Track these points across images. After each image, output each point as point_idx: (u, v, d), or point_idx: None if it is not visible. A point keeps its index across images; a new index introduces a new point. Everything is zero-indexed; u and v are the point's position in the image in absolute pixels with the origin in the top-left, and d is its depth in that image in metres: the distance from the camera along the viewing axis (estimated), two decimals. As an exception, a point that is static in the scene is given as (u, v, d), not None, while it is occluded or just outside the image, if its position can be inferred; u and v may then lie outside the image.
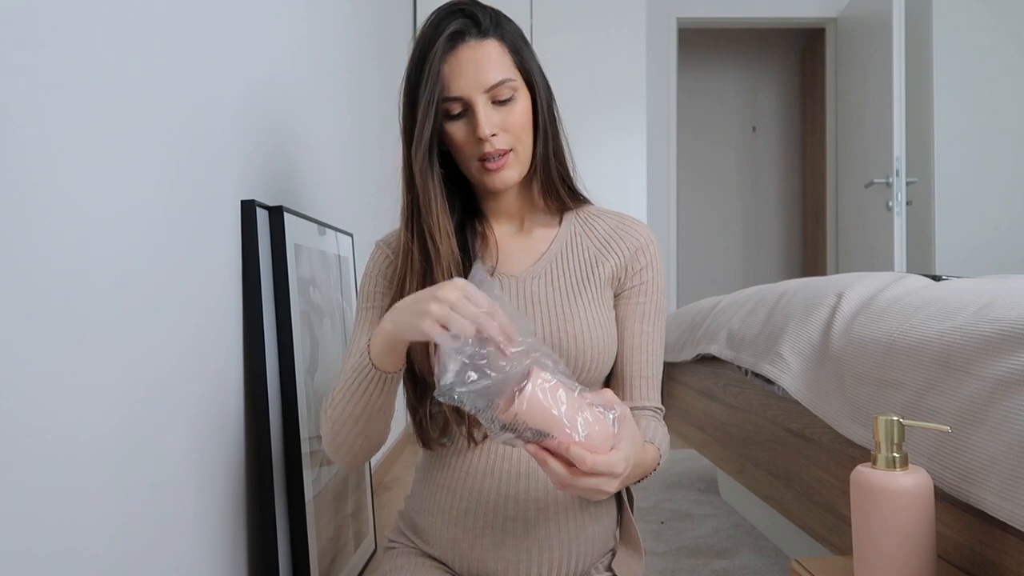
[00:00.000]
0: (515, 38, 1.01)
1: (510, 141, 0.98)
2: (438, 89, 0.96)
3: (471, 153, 0.99)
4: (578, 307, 1.01)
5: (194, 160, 1.07)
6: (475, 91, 0.96)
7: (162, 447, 0.96)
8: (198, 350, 1.06)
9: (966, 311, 1.03)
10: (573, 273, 1.04)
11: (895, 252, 3.60)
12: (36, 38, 0.72)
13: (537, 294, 1.02)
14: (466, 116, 0.98)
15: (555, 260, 1.05)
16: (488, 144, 0.97)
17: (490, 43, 0.98)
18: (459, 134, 0.98)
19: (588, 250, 1.06)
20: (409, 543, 1.06)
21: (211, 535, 1.08)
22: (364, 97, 2.40)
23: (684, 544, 1.96)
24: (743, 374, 1.73)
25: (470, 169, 1.01)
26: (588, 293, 1.02)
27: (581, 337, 0.99)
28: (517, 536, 0.96)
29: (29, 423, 0.70)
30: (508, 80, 0.97)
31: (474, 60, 0.96)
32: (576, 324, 0.99)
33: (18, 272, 0.69)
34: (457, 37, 0.96)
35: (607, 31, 3.63)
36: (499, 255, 1.05)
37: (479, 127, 0.96)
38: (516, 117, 0.98)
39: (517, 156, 1.00)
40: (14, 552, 0.68)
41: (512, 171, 1.00)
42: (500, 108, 0.98)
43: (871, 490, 0.89)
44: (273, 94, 1.44)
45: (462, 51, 0.96)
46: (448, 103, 0.97)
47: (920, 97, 4.12)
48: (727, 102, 5.80)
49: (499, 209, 1.08)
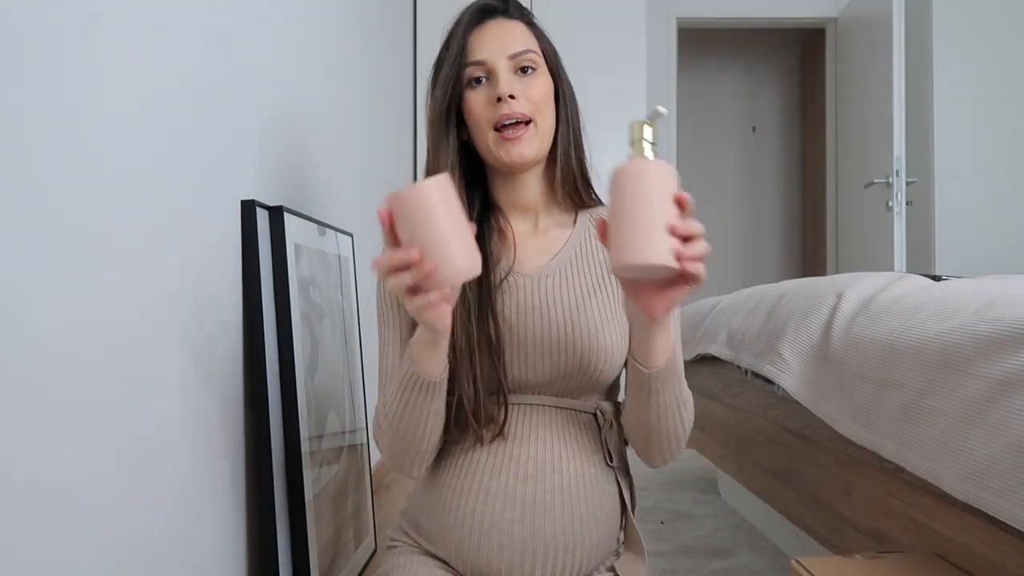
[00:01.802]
0: (540, 30, 1.06)
1: (530, 109, 0.98)
2: (462, 54, 0.98)
3: (489, 119, 0.98)
4: (592, 308, 1.00)
5: (194, 160, 1.07)
6: (498, 56, 0.98)
7: (162, 447, 0.96)
8: (197, 350, 1.06)
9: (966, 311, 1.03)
10: (588, 274, 1.03)
11: (895, 252, 3.59)
12: (39, 39, 0.72)
13: (551, 293, 1.01)
14: (487, 83, 0.99)
15: (570, 259, 1.04)
16: (506, 105, 0.97)
17: (517, 23, 1.02)
18: (478, 100, 0.99)
19: (603, 251, 1.05)
20: (411, 542, 1.06)
21: (211, 535, 1.08)
22: (365, 97, 2.40)
23: (684, 544, 1.96)
24: (743, 374, 1.73)
25: (487, 141, 1.00)
26: (603, 294, 1.02)
27: (594, 339, 0.98)
28: (523, 538, 0.95)
29: (28, 423, 0.70)
30: (532, 51, 1.00)
31: (500, 31, 1.00)
32: (590, 325, 0.98)
33: (18, 271, 0.69)
34: (485, 13, 1.01)
35: (607, 31, 3.62)
36: (516, 253, 1.03)
37: (499, 86, 0.97)
38: (537, 89, 0.99)
39: (536, 129, 1.00)
40: (14, 552, 0.68)
41: (530, 145, 0.99)
42: (522, 77, 0.99)
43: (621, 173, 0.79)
44: (273, 94, 1.44)
45: (489, 24, 1.01)
46: (471, 67, 0.99)
47: (920, 97, 4.12)
48: (727, 102, 5.79)
49: (515, 202, 1.06)
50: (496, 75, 0.98)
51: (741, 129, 5.81)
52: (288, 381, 1.26)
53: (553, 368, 0.98)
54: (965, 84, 4.06)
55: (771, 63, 5.78)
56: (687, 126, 5.49)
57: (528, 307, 1.00)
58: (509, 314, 0.99)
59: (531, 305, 1.00)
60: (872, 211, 3.90)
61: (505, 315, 0.99)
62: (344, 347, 1.63)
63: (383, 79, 2.75)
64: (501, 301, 1.00)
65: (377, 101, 2.63)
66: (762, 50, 5.75)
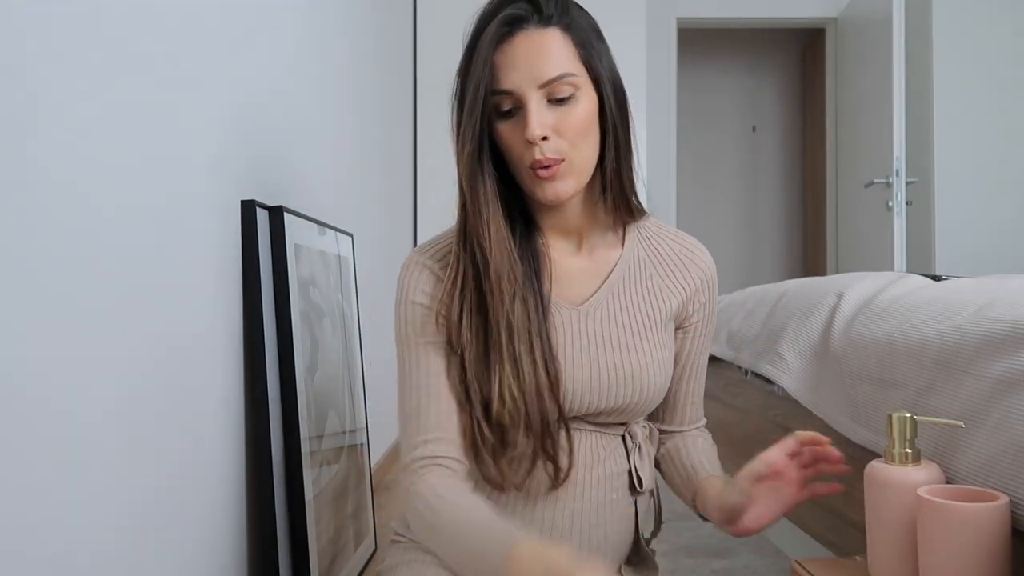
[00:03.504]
0: (584, 30, 0.88)
1: (562, 149, 0.85)
2: (486, 79, 0.83)
3: (521, 157, 0.86)
4: (642, 348, 0.93)
5: (194, 160, 1.07)
6: (528, 86, 0.83)
7: (162, 447, 0.95)
8: (198, 350, 1.06)
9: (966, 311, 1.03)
10: (638, 307, 0.94)
11: (895, 252, 3.59)
12: (39, 40, 0.72)
13: (599, 332, 0.92)
14: (517, 114, 0.85)
15: (618, 287, 0.94)
16: (537, 150, 0.84)
17: (552, 32, 0.85)
18: (509, 135, 0.86)
19: (652, 278, 0.96)
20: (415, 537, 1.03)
21: (211, 535, 1.08)
22: (365, 97, 2.40)
23: (684, 544, 1.96)
24: (743, 374, 1.73)
25: (522, 176, 0.88)
26: (652, 332, 0.94)
27: (641, 380, 0.92)
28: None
29: (28, 423, 0.70)
30: (568, 75, 0.84)
31: (529, 50, 0.84)
32: (638, 366, 0.92)
33: (19, 270, 0.69)
34: (514, 22, 0.84)
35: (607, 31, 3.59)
36: (554, 279, 0.92)
37: (528, 128, 0.83)
38: (575, 120, 0.85)
39: (571, 166, 0.86)
40: (13, 553, 0.68)
41: (566, 183, 0.86)
42: (557, 108, 0.84)
43: (884, 485, 0.89)
44: (273, 94, 1.44)
45: (518, 39, 0.84)
46: (498, 97, 0.84)
47: (920, 97, 4.12)
48: (727, 102, 5.79)
49: (556, 224, 0.94)
50: (527, 109, 0.83)
51: (741, 129, 5.81)
52: (288, 381, 1.26)
53: (591, 405, 0.91)
54: (965, 84, 4.06)
55: (771, 63, 5.78)
56: (687, 126, 5.48)
57: (576, 348, 0.90)
58: (556, 353, 0.89)
59: (579, 346, 0.91)
60: (872, 211, 3.89)
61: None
62: (344, 347, 1.63)
63: (383, 79, 2.75)
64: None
65: (377, 101, 2.63)
66: (762, 50, 5.75)
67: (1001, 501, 0.79)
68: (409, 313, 0.90)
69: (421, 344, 0.89)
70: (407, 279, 0.91)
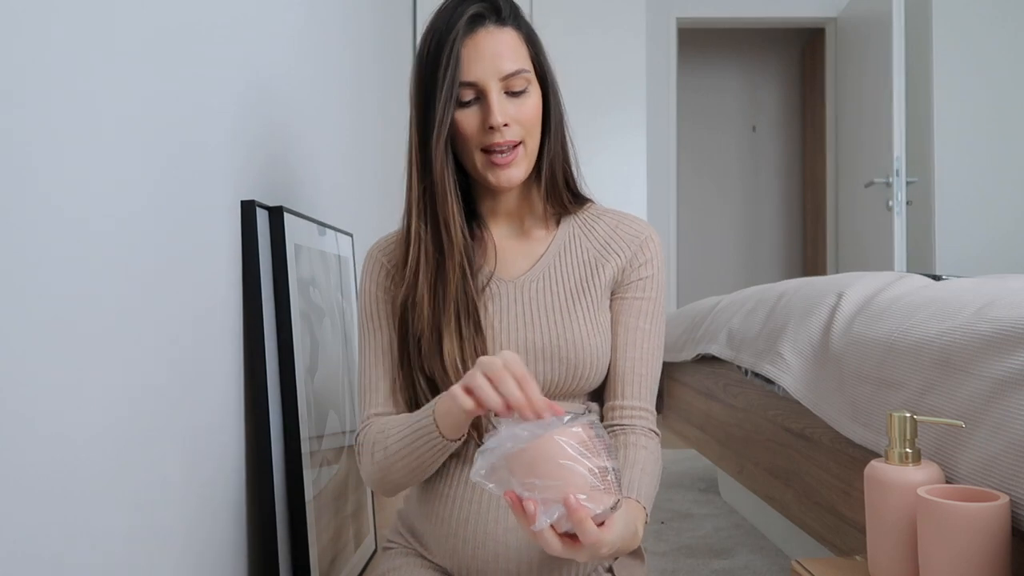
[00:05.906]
0: (532, 32, 1.00)
1: (520, 133, 0.96)
2: (458, 72, 0.93)
3: (477, 143, 0.96)
4: (577, 313, 0.99)
5: (194, 160, 1.07)
6: (491, 78, 0.94)
7: (161, 447, 0.96)
8: (198, 350, 1.06)
9: (966, 311, 1.03)
10: (572, 277, 1.02)
11: (895, 252, 3.60)
12: (37, 38, 0.72)
13: (535, 299, 1.00)
14: (475, 104, 0.95)
15: (553, 263, 1.02)
16: (499, 134, 0.94)
17: (508, 32, 0.96)
18: (468, 122, 0.95)
19: (588, 252, 1.03)
20: (407, 544, 1.05)
21: (211, 535, 1.08)
22: (364, 97, 2.40)
23: (684, 544, 1.96)
24: (743, 374, 1.73)
25: (474, 162, 0.97)
26: (587, 298, 1.01)
27: (579, 344, 0.97)
28: (518, 547, 0.93)
29: (25, 425, 0.70)
30: (523, 71, 0.95)
31: (492, 46, 0.94)
32: (574, 330, 0.98)
33: (18, 270, 0.69)
34: (477, 20, 0.94)
35: (607, 31, 3.62)
36: (497, 258, 1.02)
37: (492, 115, 0.93)
38: (528, 110, 0.96)
39: (526, 151, 0.97)
40: (11, 556, 0.68)
41: (519, 169, 0.97)
42: (513, 100, 0.95)
43: (884, 485, 0.89)
44: (273, 94, 1.44)
45: (481, 35, 0.94)
46: (462, 88, 0.94)
47: (920, 97, 4.12)
48: (727, 102, 5.79)
49: (498, 209, 1.05)
50: (488, 99, 0.94)
51: (741, 129, 5.81)
52: (288, 381, 1.26)
53: (541, 376, 0.97)
54: (965, 84, 4.06)
55: (771, 63, 5.78)
56: (687, 126, 5.48)
57: (512, 314, 0.99)
58: (494, 322, 0.98)
59: (514, 313, 0.99)
60: (872, 211, 3.90)
61: (490, 323, 0.98)
62: (344, 347, 1.63)
63: (383, 79, 2.75)
64: (485, 308, 0.99)
65: (378, 101, 2.63)
66: (762, 50, 5.76)
67: (1001, 501, 0.79)
68: (369, 305, 1.03)
69: (376, 330, 1.01)
70: (364, 271, 1.05)
